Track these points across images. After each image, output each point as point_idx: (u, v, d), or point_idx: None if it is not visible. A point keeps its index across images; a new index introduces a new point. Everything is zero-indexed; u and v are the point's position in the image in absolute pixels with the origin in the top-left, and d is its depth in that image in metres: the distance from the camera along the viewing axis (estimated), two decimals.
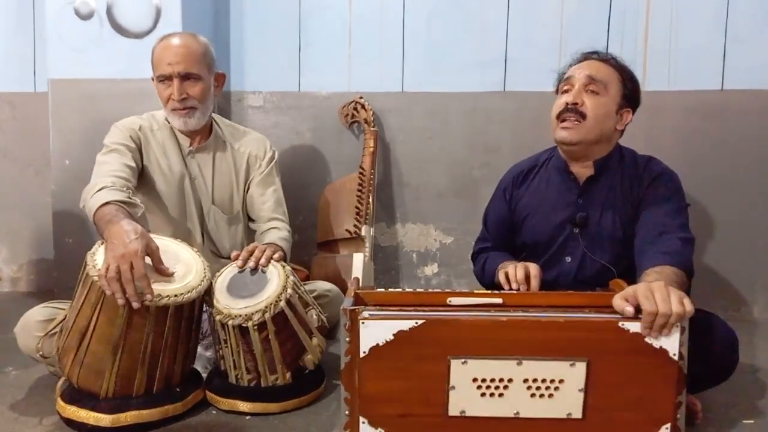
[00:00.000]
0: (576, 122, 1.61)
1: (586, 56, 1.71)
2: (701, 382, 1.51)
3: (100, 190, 1.67)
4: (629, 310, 1.25)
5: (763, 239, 2.54)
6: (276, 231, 1.95)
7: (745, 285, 2.58)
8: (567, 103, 1.63)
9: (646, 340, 1.24)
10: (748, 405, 1.68)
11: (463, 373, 1.27)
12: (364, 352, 1.28)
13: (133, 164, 1.83)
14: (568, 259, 1.71)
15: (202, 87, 1.87)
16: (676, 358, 1.24)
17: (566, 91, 1.66)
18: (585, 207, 1.69)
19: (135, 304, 1.42)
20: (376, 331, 1.27)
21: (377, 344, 1.27)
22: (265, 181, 2.02)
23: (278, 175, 2.07)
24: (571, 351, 1.26)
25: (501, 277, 1.63)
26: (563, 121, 1.63)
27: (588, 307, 1.36)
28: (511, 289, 1.57)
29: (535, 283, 1.57)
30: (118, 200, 1.64)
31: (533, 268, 1.59)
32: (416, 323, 1.27)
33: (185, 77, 1.84)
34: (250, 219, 2.06)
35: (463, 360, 1.27)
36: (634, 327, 1.24)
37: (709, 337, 1.44)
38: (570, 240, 1.70)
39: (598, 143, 1.65)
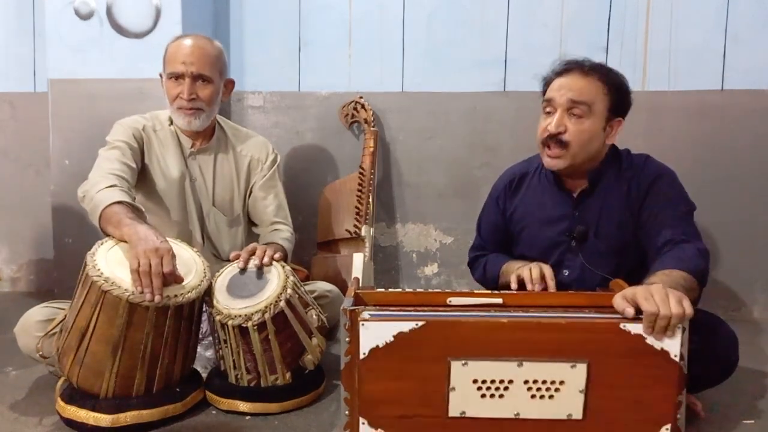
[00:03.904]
0: (560, 151, 1.57)
1: (568, 67, 1.61)
2: (701, 382, 1.51)
3: (109, 187, 1.67)
4: (630, 311, 1.24)
5: (763, 239, 2.54)
6: (278, 233, 1.96)
7: (745, 285, 2.58)
8: (549, 132, 1.57)
9: (647, 341, 1.24)
10: (748, 405, 1.68)
11: (464, 374, 1.27)
12: (364, 354, 1.27)
13: (133, 165, 1.83)
14: (566, 272, 1.67)
15: (211, 90, 1.87)
16: (677, 359, 1.24)
17: (549, 113, 1.60)
18: (581, 219, 1.65)
19: (157, 298, 1.44)
20: (375, 333, 1.27)
21: (377, 345, 1.27)
22: (267, 185, 2.02)
23: (280, 179, 2.08)
24: (572, 352, 1.25)
25: (514, 280, 1.59)
26: (547, 147, 1.59)
27: (589, 308, 1.36)
28: (522, 289, 1.56)
29: (551, 284, 1.55)
30: (129, 203, 1.66)
31: (547, 270, 1.58)
32: (416, 325, 1.26)
33: (197, 78, 1.84)
34: (253, 223, 2.06)
35: (463, 361, 1.26)
36: (635, 329, 1.24)
37: (710, 337, 1.44)
38: (567, 253, 1.67)
39: (587, 162, 1.62)
